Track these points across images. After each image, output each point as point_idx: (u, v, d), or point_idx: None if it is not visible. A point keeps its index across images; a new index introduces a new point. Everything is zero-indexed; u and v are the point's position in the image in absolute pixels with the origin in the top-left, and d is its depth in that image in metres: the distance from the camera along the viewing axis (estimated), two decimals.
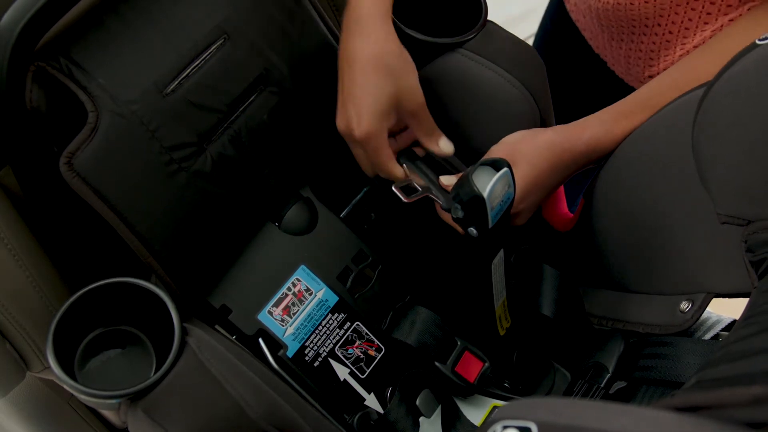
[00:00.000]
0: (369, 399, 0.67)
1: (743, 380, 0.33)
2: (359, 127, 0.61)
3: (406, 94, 0.61)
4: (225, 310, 0.64)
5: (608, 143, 0.64)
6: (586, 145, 0.64)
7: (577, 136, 0.64)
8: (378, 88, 0.60)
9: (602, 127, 0.64)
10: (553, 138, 0.64)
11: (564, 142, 0.64)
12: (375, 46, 0.61)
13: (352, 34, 0.61)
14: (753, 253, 0.50)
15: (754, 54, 0.48)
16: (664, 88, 0.62)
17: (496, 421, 0.30)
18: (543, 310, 0.70)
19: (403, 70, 0.61)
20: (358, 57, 0.61)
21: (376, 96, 0.60)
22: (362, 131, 0.61)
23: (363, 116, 0.60)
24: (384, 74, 0.60)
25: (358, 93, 0.61)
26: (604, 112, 0.65)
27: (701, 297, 0.60)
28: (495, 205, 0.58)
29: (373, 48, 0.61)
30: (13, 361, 0.60)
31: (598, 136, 0.64)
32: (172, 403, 0.52)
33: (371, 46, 0.61)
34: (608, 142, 0.64)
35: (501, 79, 0.68)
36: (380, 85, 0.60)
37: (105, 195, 0.56)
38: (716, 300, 0.60)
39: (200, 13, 0.60)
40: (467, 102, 0.70)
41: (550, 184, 0.65)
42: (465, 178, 0.56)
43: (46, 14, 0.51)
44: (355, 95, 0.61)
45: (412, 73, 0.62)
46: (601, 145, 0.64)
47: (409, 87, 0.62)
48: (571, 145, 0.64)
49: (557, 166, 0.64)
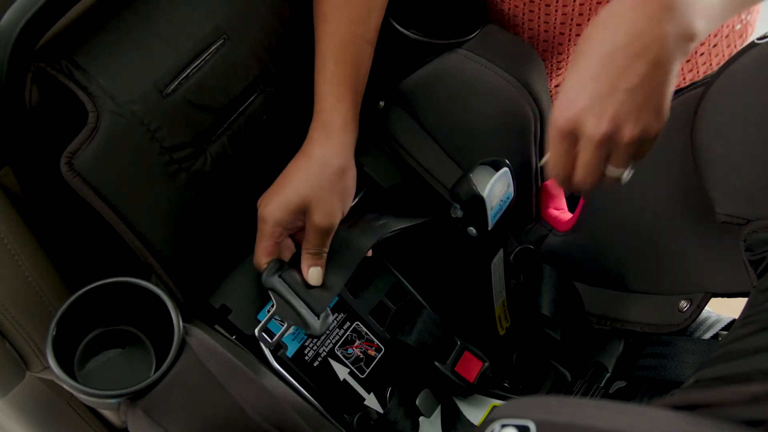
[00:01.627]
0: (369, 399, 0.68)
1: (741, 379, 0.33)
2: (263, 206, 0.62)
3: (320, 209, 0.61)
4: (225, 310, 0.64)
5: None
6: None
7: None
8: (296, 187, 0.61)
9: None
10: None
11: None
12: (321, 151, 0.62)
13: (316, 142, 0.62)
14: (752, 252, 0.50)
15: (752, 53, 0.48)
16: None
17: (494, 420, 0.30)
18: (542, 309, 0.70)
19: (330, 188, 0.61)
20: (308, 154, 0.62)
21: (291, 190, 0.61)
22: (261, 211, 0.62)
23: (271, 200, 0.61)
24: (308, 179, 0.61)
25: (281, 180, 0.62)
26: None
27: (700, 296, 0.60)
28: (494, 204, 0.58)
29: (319, 153, 0.62)
30: (12, 361, 0.61)
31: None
32: (171, 402, 0.52)
33: (319, 151, 0.62)
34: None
35: (500, 79, 0.68)
36: (299, 186, 0.61)
37: (105, 195, 0.56)
38: (716, 299, 0.60)
39: (199, 13, 0.60)
40: (467, 102, 0.70)
41: (609, 59, 0.49)
42: (464, 177, 0.56)
43: (46, 14, 0.51)
44: (279, 181, 0.62)
45: (338, 196, 0.62)
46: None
47: (325, 204, 0.61)
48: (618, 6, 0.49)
49: (606, 29, 0.49)
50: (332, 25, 0.63)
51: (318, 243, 0.62)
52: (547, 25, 0.72)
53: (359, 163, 0.74)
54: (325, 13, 0.64)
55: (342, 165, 0.62)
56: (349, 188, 0.63)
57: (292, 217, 0.61)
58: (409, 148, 0.73)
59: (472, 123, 0.70)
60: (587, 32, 0.51)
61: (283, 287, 0.61)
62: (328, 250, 0.63)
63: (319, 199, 0.61)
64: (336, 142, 0.62)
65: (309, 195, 0.61)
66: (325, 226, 0.61)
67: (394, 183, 0.73)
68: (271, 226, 0.61)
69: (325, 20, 0.64)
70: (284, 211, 0.61)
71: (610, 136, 0.49)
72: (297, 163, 0.62)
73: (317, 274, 0.62)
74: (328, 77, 0.63)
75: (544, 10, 0.71)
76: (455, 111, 0.71)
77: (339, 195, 0.62)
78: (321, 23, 0.64)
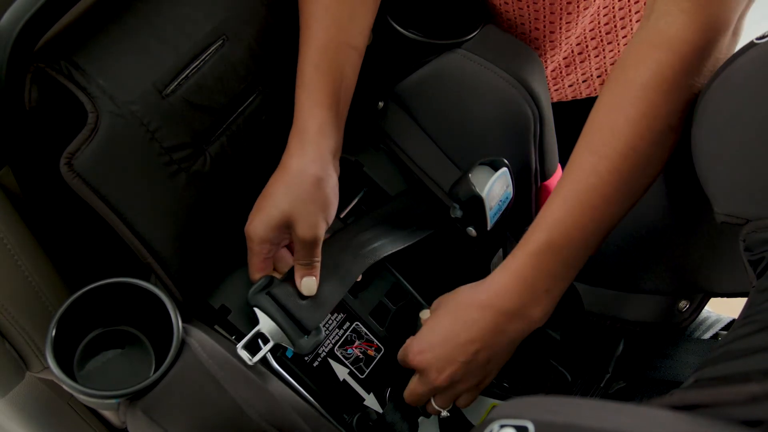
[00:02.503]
0: (368, 399, 0.67)
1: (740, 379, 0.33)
2: (248, 224, 0.61)
3: (302, 223, 0.60)
4: (224, 310, 0.64)
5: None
6: (488, 294, 0.60)
7: (483, 287, 0.61)
8: (276, 203, 0.60)
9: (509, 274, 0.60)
10: (463, 290, 0.63)
11: (468, 296, 0.62)
12: (298, 161, 0.61)
13: (292, 151, 0.62)
14: (751, 252, 0.50)
15: (751, 52, 0.48)
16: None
17: (493, 420, 0.30)
18: None
19: (310, 199, 0.61)
20: (286, 166, 0.61)
21: (272, 206, 0.60)
22: (246, 229, 0.61)
23: (254, 216, 0.61)
24: (288, 194, 0.60)
25: (262, 197, 0.62)
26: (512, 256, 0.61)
27: (700, 296, 0.60)
28: (493, 204, 0.58)
29: (295, 164, 0.61)
30: (12, 361, 0.61)
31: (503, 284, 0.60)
32: (171, 402, 0.53)
33: (295, 161, 0.61)
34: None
35: (499, 79, 0.68)
36: (279, 201, 0.60)
37: (105, 195, 0.56)
38: (715, 299, 0.60)
39: (199, 14, 0.60)
40: (466, 102, 0.70)
41: (455, 337, 0.61)
42: (463, 177, 0.56)
43: (45, 15, 0.51)
44: (265, 195, 0.62)
45: (319, 207, 0.61)
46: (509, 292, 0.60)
47: (307, 216, 0.60)
48: (471, 299, 0.61)
49: (459, 318, 0.61)
50: (312, 31, 0.62)
51: (306, 254, 0.62)
52: (537, 22, 0.72)
53: (359, 163, 0.74)
54: (306, 20, 0.63)
55: (319, 174, 0.61)
56: (329, 197, 0.62)
57: (277, 233, 0.61)
58: (407, 149, 0.73)
59: (471, 123, 0.70)
60: (441, 301, 0.64)
61: (270, 304, 0.61)
62: (319, 259, 0.62)
63: (300, 212, 0.60)
64: (312, 149, 0.61)
65: (289, 210, 0.60)
66: (309, 238, 0.61)
67: (393, 184, 0.73)
68: (257, 244, 0.61)
69: (305, 26, 0.63)
70: (267, 228, 0.60)
71: (443, 389, 0.63)
72: (276, 176, 0.62)
73: (311, 284, 0.62)
74: (305, 82, 0.62)
75: (532, 6, 0.71)
76: (454, 111, 0.71)
77: (320, 205, 0.61)
78: (302, 30, 0.63)
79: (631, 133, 0.54)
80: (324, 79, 0.62)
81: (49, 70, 0.54)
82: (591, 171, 0.55)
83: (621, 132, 0.54)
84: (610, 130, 0.55)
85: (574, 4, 0.69)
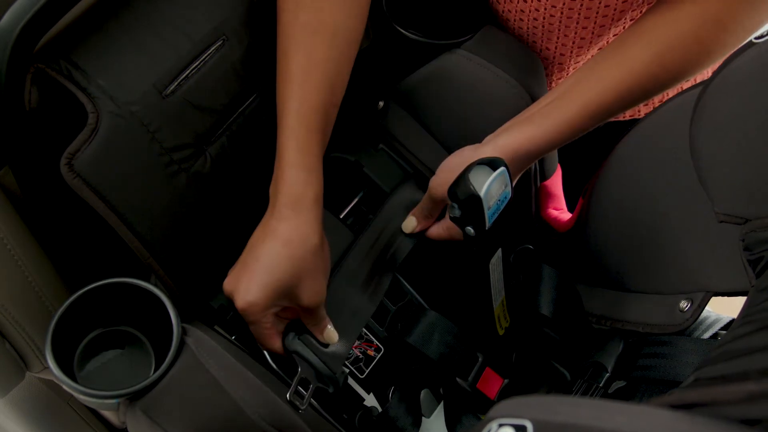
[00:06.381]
0: (368, 399, 0.68)
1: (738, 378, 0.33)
2: (243, 297, 0.58)
3: (307, 291, 0.60)
4: (224, 310, 0.65)
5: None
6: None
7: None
8: (279, 276, 0.58)
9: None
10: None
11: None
12: (297, 231, 0.59)
13: (285, 215, 0.59)
14: (750, 251, 0.50)
15: (750, 52, 0.48)
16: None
17: (491, 420, 0.30)
18: (542, 309, 0.70)
19: (313, 267, 0.60)
20: (280, 234, 0.59)
21: (274, 278, 0.58)
22: (243, 303, 0.58)
23: (251, 288, 0.58)
24: (293, 266, 0.58)
25: (258, 266, 0.58)
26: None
27: (700, 296, 0.60)
28: (492, 204, 0.58)
29: (295, 234, 0.59)
30: (12, 361, 0.61)
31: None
32: (171, 403, 0.53)
33: (295, 232, 0.59)
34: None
35: (499, 80, 0.68)
36: (283, 273, 0.58)
37: (105, 196, 0.56)
38: (715, 299, 0.60)
39: (199, 14, 0.60)
40: (465, 102, 0.70)
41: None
42: (462, 176, 0.56)
43: (45, 15, 0.51)
44: (254, 266, 0.58)
45: (321, 272, 0.61)
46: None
47: (312, 284, 0.60)
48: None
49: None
50: (302, 90, 0.60)
51: (315, 316, 0.62)
52: (549, 42, 0.72)
53: (359, 163, 0.74)
54: (292, 73, 0.60)
55: (319, 242, 0.60)
56: (327, 260, 0.62)
57: (279, 302, 0.60)
58: (410, 147, 0.73)
59: (471, 123, 0.70)
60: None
61: (304, 349, 0.62)
62: (325, 314, 0.63)
63: (306, 281, 0.59)
64: (310, 218, 0.59)
65: (293, 281, 0.59)
66: (315, 305, 0.61)
67: (392, 183, 0.73)
68: (262, 317, 0.59)
69: (290, 81, 0.60)
70: (271, 299, 0.58)
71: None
72: (272, 246, 0.59)
73: (332, 333, 0.63)
74: (300, 146, 0.59)
75: (547, 27, 0.71)
76: (454, 111, 0.71)
77: (322, 271, 0.61)
78: (287, 84, 0.60)
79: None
80: (317, 143, 0.60)
81: (49, 71, 0.54)
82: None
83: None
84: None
85: (588, 30, 0.69)
